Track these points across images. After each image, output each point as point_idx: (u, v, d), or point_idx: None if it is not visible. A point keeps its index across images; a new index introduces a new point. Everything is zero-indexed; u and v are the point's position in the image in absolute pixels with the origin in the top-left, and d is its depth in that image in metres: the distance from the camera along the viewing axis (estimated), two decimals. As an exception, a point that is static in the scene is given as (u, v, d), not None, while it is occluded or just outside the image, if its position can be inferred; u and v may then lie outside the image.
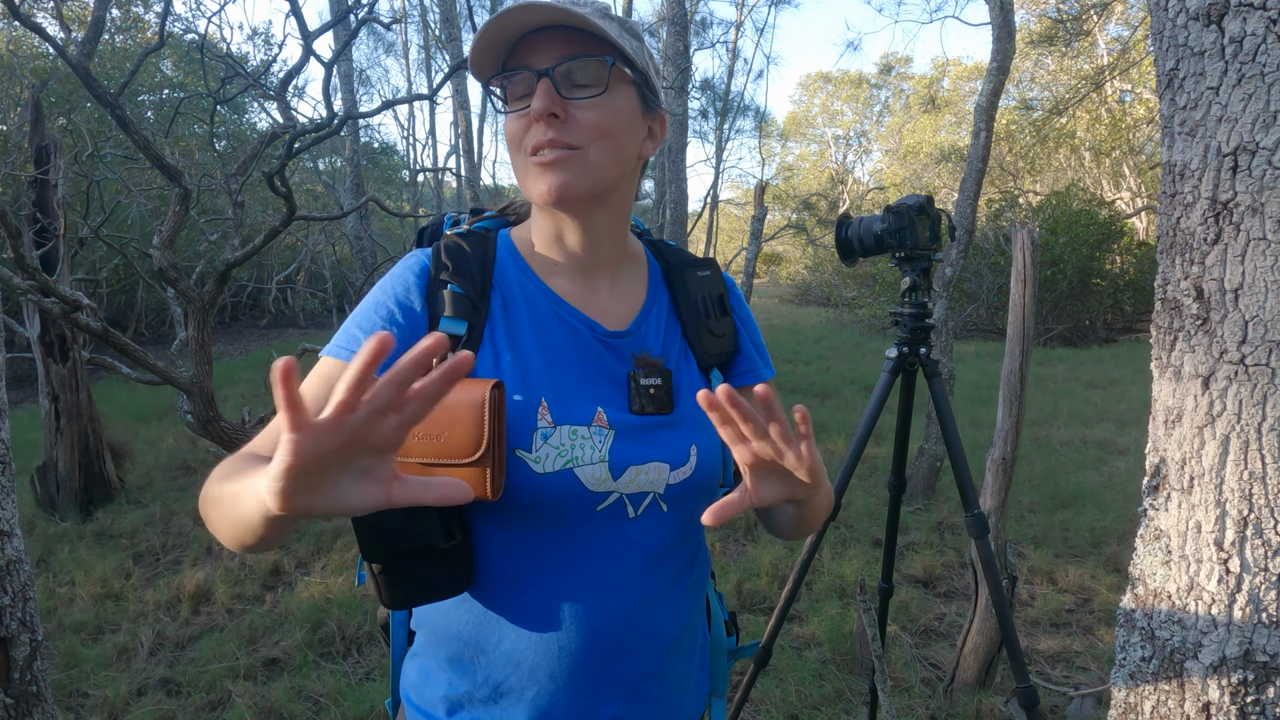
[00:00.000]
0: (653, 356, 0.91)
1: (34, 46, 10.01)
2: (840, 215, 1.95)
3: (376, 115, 5.44)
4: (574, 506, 0.83)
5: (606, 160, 0.83)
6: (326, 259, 13.16)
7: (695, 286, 0.97)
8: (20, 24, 3.77)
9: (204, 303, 4.30)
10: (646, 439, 0.86)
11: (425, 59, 17.65)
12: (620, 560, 0.85)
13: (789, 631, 3.09)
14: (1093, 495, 4.56)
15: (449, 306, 0.84)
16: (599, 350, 0.88)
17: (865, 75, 31.85)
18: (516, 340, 0.86)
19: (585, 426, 0.84)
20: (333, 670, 2.81)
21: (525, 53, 0.82)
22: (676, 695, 0.93)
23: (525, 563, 0.84)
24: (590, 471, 0.83)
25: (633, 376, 0.88)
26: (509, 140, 0.85)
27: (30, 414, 6.77)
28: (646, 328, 0.93)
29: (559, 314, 0.88)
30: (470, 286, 0.86)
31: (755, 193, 5.86)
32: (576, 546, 0.84)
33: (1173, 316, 1.16)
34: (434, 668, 0.89)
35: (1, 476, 1.46)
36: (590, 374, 0.87)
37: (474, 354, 0.63)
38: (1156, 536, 1.20)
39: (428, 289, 0.86)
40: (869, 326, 13.40)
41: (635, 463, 0.85)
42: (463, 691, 0.87)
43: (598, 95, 0.82)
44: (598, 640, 0.85)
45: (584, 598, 0.84)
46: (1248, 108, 1.04)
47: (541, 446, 0.81)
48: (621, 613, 0.85)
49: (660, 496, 0.87)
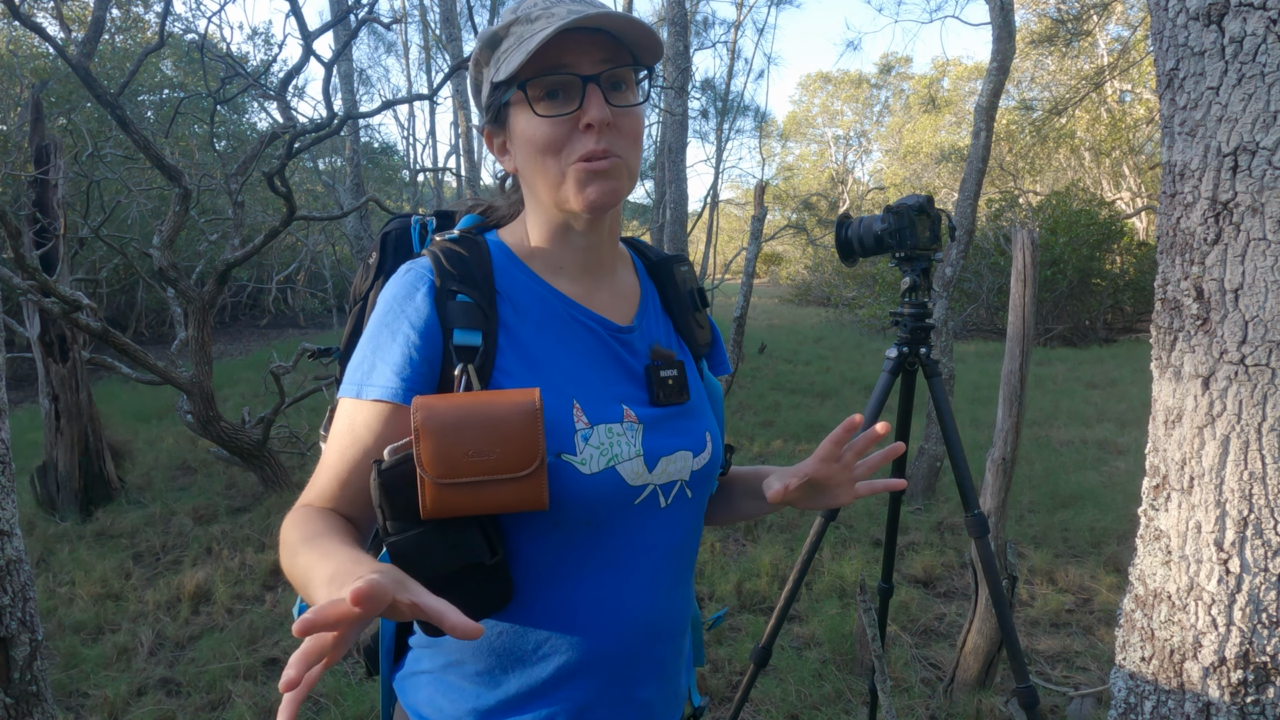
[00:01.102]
0: (665, 349, 0.94)
1: (34, 46, 10.01)
2: (840, 215, 1.95)
3: (376, 115, 5.45)
4: (616, 503, 0.84)
5: (637, 168, 0.86)
6: (326, 259, 13.16)
7: (681, 281, 1.01)
8: (20, 24, 3.77)
9: (204, 303, 4.30)
10: (670, 429, 0.89)
11: (425, 59, 17.65)
12: (654, 550, 0.88)
13: (789, 631, 3.09)
14: (1093, 495, 4.57)
15: (461, 317, 0.82)
16: (614, 346, 0.90)
17: (865, 75, 31.85)
18: (535, 344, 0.85)
19: (618, 423, 0.85)
20: (333, 670, 2.81)
21: (557, 55, 0.79)
22: (681, 669, 0.97)
23: (564, 565, 0.84)
24: (630, 467, 0.84)
25: (652, 369, 0.90)
26: (544, 145, 0.81)
27: (30, 414, 6.77)
28: (647, 322, 0.95)
29: (572, 314, 0.88)
30: (478, 294, 0.83)
31: (755, 193, 5.86)
32: (614, 542, 0.85)
33: (1173, 316, 1.16)
34: (458, 682, 0.87)
35: (1, 476, 1.46)
36: (610, 370, 0.89)
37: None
38: (1156, 536, 1.20)
39: (437, 301, 0.82)
40: (869, 326, 13.40)
41: (665, 453, 0.87)
42: (495, 702, 0.85)
43: (639, 105, 0.84)
44: (637, 631, 0.87)
45: (622, 592, 0.86)
46: (1248, 108, 1.04)
47: (584, 448, 0.82)
48: (656, 601, 0.88)
49: (686, 484, 0.90)
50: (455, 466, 0.73)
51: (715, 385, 1.03)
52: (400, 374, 0.80)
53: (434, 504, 0.74)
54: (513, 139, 0.86)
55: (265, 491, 4.71)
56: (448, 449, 0.73)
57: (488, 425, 0.74)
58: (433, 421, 0.73)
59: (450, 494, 0.74)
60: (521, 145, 0.84)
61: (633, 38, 0.80)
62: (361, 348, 0.84)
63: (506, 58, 0.81)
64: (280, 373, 4.76)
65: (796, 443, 5.98)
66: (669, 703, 0.94)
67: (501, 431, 0.74)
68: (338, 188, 11.47)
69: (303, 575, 0.71)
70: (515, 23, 0.81)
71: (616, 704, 0.87)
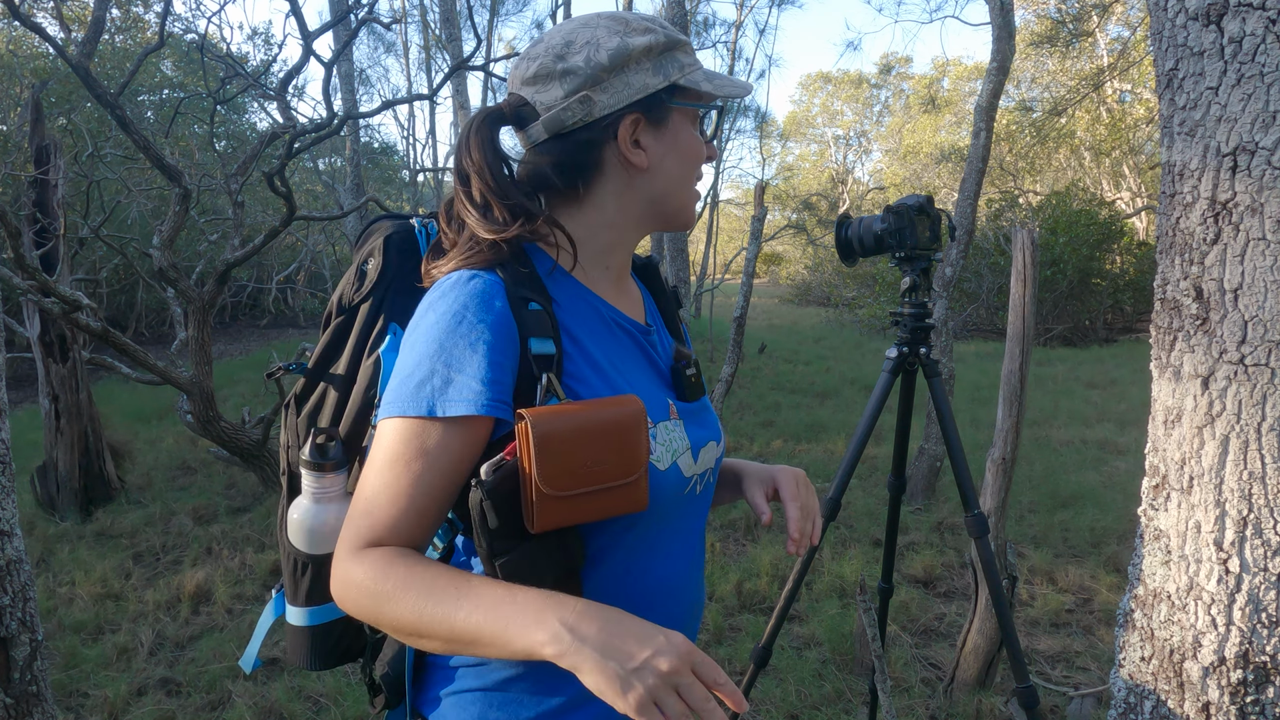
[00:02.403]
0: (685, 349, 0.99)
1: (34, 46, 10.01)
2: (840, 215, 1.95)
3: (376, 115, 5.45)
4: (677, 495, 0.88)
5: None
6: (326, 259, 13.15)
7: (665, 282, 1.06)
8: (20, 24, 3.77)
9: (204, 303, 4.30)
10: (700, 421, 0.94)
11: (425, 59, 17.65)
12: (693, 535, 0.94)
13: (789, 631, 3.09)
14: (1093, 495, 4.56)
15: (535, 325, 0.80)
16: (646, 347, 0.94)
17: (865, 75, 31.84)
18: (595, 350, 0.86)
19: (669, 420, 0.88)
20: (332, 670, 2.81)
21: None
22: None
23: (631, 559, 0.86)
24: (685, 460, 0.88)
25: (679, 368, 0.95)
26: (693, 159, 0.91)
27: (30, 414, 6.77)
28: (654, 322, 1.00)
29: (614, 319, 0.91)
30: (544, 301, 0.82)
31: (755, 193, 5.86)
32: (668, 531, 0.89)
33: (1172, 316, 1.16)
34: (517, 694, 0.85)
35: (1, 476, 1.46)
36: (650, 371, 0.93)
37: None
38: (1156, 536, 1.20)
39: (515, 310, 0.79)
40: (869, 326, 13.40)
41: (702, 445, 0.92)
42: (560, 702, 0.85)
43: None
44: (686, 613, 0.93)
45: (674, 578, 0.90)
46: (1247, 108, 1.04)
47: (655, 446, 0.84)
48: (695, 583, 0.95)
49: (712, 471, 0.96)
50: (573, 478, 0.73)
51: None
52: (490, 385, 0.76)
53: (547, 518, 0.73)
54: (663, 141, 0.89)
55: (265, 491, 4.71)
56: (565, 461, 0.73)
57: (601, 434, 0.74)
58: (551, 437, 0.72)
59: (562, 505, 0.74)
60: (676, 152, 0.90)
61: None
62: (424, 362, 0.76)
63: (691, 74, 0.89)
64: (280, 374, 4.75)
65: (796, 443, 5.98)
66: None
67: (615, 440, 0.75)
68: (338, 188, 11.48)
69: (466, 625, 0.70)
70: (683, 45, 0.90)
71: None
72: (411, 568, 0.73)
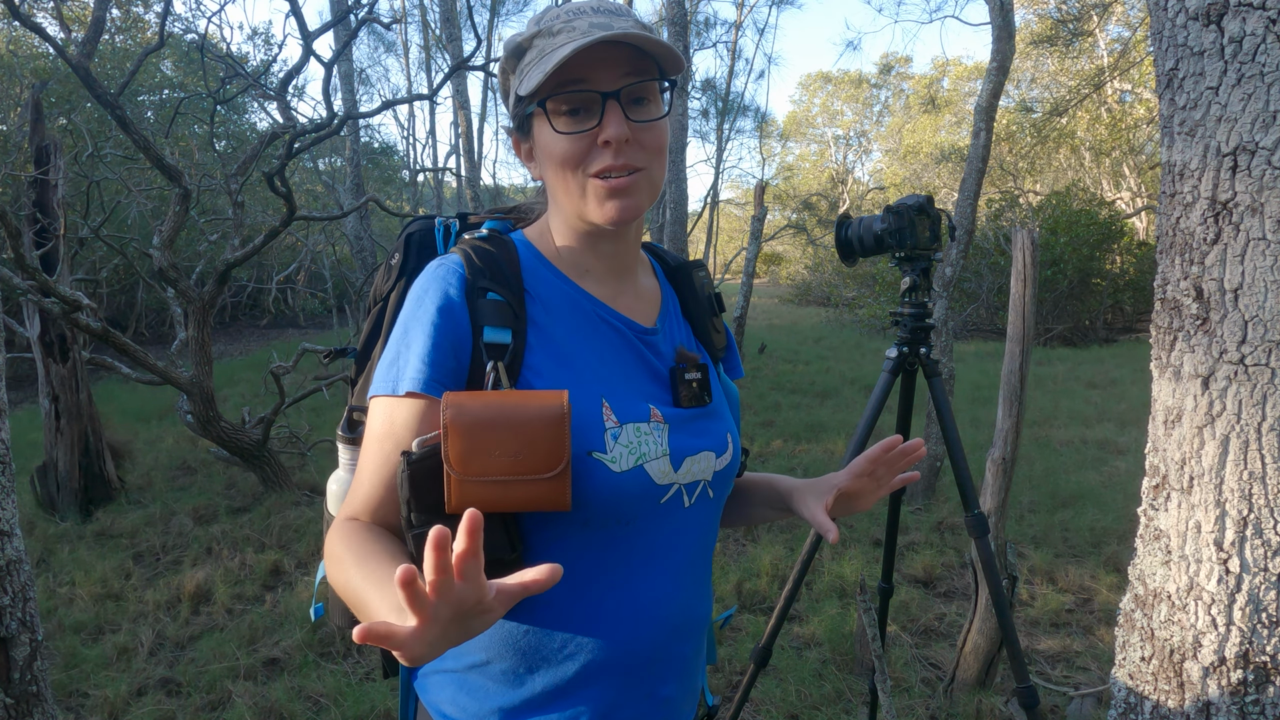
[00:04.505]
0: (690, 351, 0.95)
1: (34, 46, 10.01)
2: (840, 215, 1.95)
3: (376, 115, 5.45)
4: (644, 502, 0.85)
5: (661, 177, 0.87)
6: (326, 259, 13.14)
7: (700, 286, 1.02)
8: (20, 24, 3.77)
9: (204, 303, 4.30)
10: (694, 429, 0.90)
11: (425, 59, 17.66)
12: (677, 549, 0.89)
13: (789, 631, 3.09)
14: (1093, 495, 4.56)
15: (492, 315, 0.82)
16: (639, 348, 0.91)
17: (865, 75, 31.83)
18: (565, 343, 0.86)
19: (645, 423, 0.86)
20: (333, 670, 2.81)
21: (578, 69, 0.79)
22: (700, 666, 0.99)
23: (591, 564, 0.84)
24: (657, 466, 0.85)
25: (677, 371, 0.92)
26: (563, 160, 0.82)
27: (30, 414, 6.77)
28: (669, 325, 0.97)
29: (600, 315, 0.89)
30: (509, 293, 0.84)
31: (755, 193, 5.86)
32: (640, 541, 0.86)
33: (1172, 316, 1.16)
34: (482, 681, 0.87)
35: (1, 476, 1.46)
36: (637, 371, 0.90)
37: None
38: (1156, 536, 1.20)
39: (468, 297, 0.83)
40: (869, 326, 13.40)
41: (690, 454, 0.89)
42: (520, 700, 0.85)
43: (661, 119, 0.84)
44: (662, 630, 0.88)
45: (648, 591, 0.87)
46: (1247, 107, 1.04)
47: (614, 446, 0.82)
48: (679, 599, 0.90)
49: (709, 484, 0.91)
50: (482, 464, 0.74)
51: (733, 389, 1.05)
52: (430, 365, 0.79)
53: (460, 499, 0.75)
54: (537, 149, 0.87)
55: (265, 491, 4.71)
56: (475, 447, 0.74)
57: (515, 426, 0.74)
58: (462, 418, 0.74)
59: (476, 490, 0.75)
60: (544, 158, 0.85)
61: (654, 50, 0.81)
62: (393, 344, 0.83)
63: (529, 71, 0.82)
64: (280, 373, 4.75)
65: (796, 443, 5.98)
66: (688, 700, 0.96)
67: (529, 433, 0.75)
68: (338, 188, 11.47)
69: (356, 596, 0.72)
70: (538, 35, 0.82)
71: (641, 702, 0.88)
72: (362, 541, 0.77)
